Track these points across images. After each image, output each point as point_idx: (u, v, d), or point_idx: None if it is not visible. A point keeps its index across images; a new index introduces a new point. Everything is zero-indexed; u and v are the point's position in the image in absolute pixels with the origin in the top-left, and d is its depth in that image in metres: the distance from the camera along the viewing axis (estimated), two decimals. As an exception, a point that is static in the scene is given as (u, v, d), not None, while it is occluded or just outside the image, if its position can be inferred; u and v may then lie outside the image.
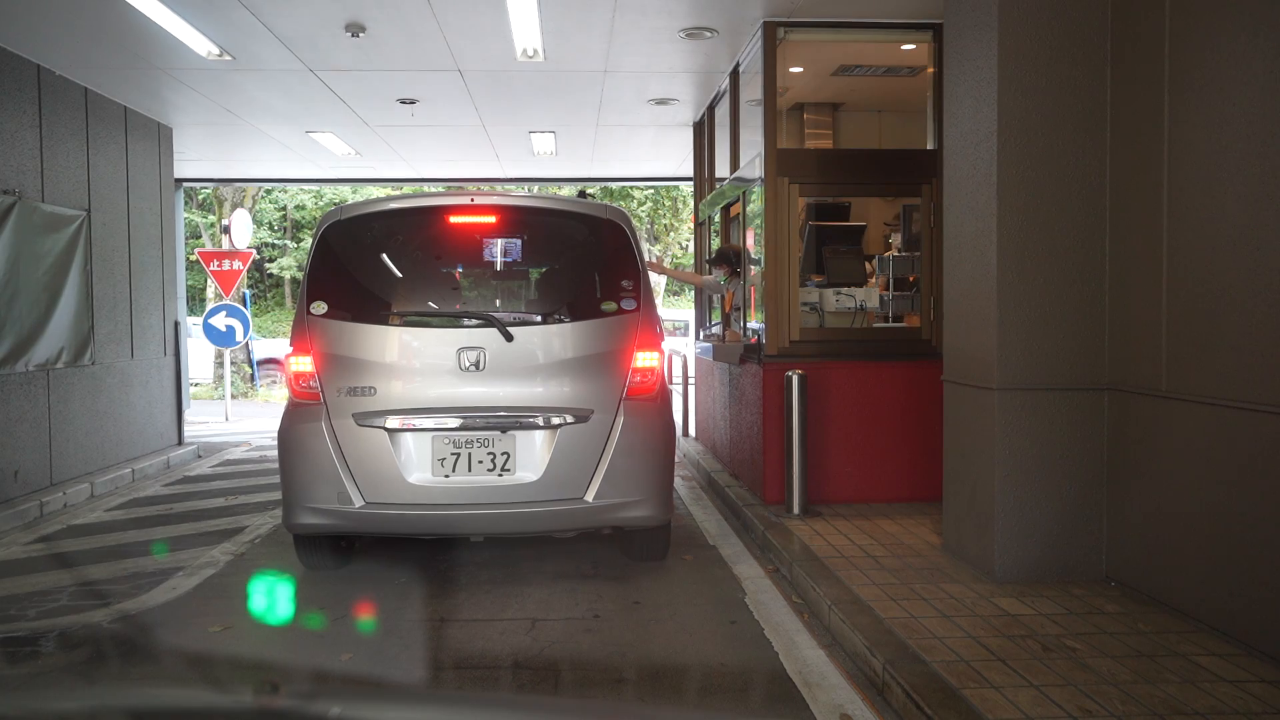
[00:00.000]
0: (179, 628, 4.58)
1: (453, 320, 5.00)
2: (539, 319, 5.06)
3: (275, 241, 34.23)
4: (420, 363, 4.90)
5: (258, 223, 32.88)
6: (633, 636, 4.34)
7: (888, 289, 7.22)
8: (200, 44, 7.09)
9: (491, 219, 5.20)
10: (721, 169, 9.07)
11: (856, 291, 6.92)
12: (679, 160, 12.35)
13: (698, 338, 10.02)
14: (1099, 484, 4.69)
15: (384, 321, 4.95)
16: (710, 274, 8.31)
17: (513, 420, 4.84)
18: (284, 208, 33.68)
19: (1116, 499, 4.62)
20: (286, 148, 11.33)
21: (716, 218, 8.80)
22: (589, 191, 9.88)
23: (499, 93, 8.75)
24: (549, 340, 4.98)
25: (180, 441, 9.99)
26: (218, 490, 8.06)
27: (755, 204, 7.04)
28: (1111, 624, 4.04)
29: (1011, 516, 4.69)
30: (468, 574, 5.34)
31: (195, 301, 24.84)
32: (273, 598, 5.17)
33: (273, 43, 7.09)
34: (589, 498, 4.85)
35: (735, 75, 8.01)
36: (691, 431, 10.30)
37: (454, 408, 4.84)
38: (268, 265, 35.27)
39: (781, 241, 6.61)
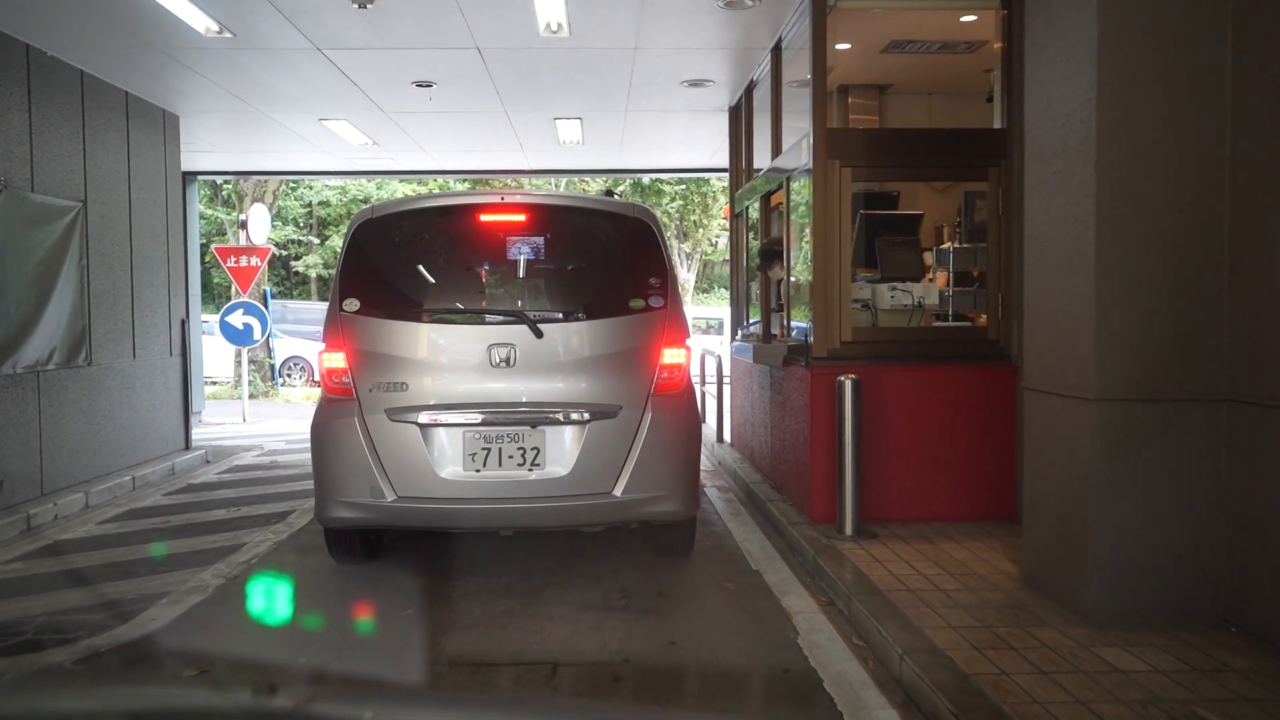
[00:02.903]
0: (151, 670, 4.02)
1: (484, 317, 5.08)
2: (568, 316, 5.11)
3: (301, 239, 33.95)
4: (452, 359, 4.97)
5: (282, 220, 32.59)
6: (670, 688, 3.72)
7: (947, 284, 6.55)
8: (197, 19, 6.54)
9: (521, 217, 5.25)
10: (760, 158, 8.42)
11: (914, 287, 6.25)
12: (712, 150, 11.69)
13: (734, 336, 9.37)
14: (1216, 511, 4.00)
15: (416, 318, 5.02)
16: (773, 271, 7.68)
17: (542, 416, 4.90)
18: (309, 204, 33.38)
19: (1238, 528, 3.93)
20: (301, 138, 10.81)
21: (755, 209, 8.14)
22: (616, 190, 9.26)
23: (521, 74, 8.15)
24: (578, 337, 5.03)
25: (187, 446, 9.49)
26: (220, 500, 7.53)
27: (801, 191, 6.39)
28: (1247, 685, 3.36)
29: (1110, 548, 4.01)
30: (482, 604, 4.75)
31: (222, 299, 24.49)
32: (261, 635, 4.62)
33: (273, 16, 6.53)
34: (617, 492, 4.90)
35: (777, 52, 7.36)
36: (727, 437, 9.67)
37: (485, 403, 4.90)
38: (293, 263, 35.01)
39: (831, 232, 5.95)
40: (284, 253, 34.59)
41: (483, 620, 4.52)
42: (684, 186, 30.41)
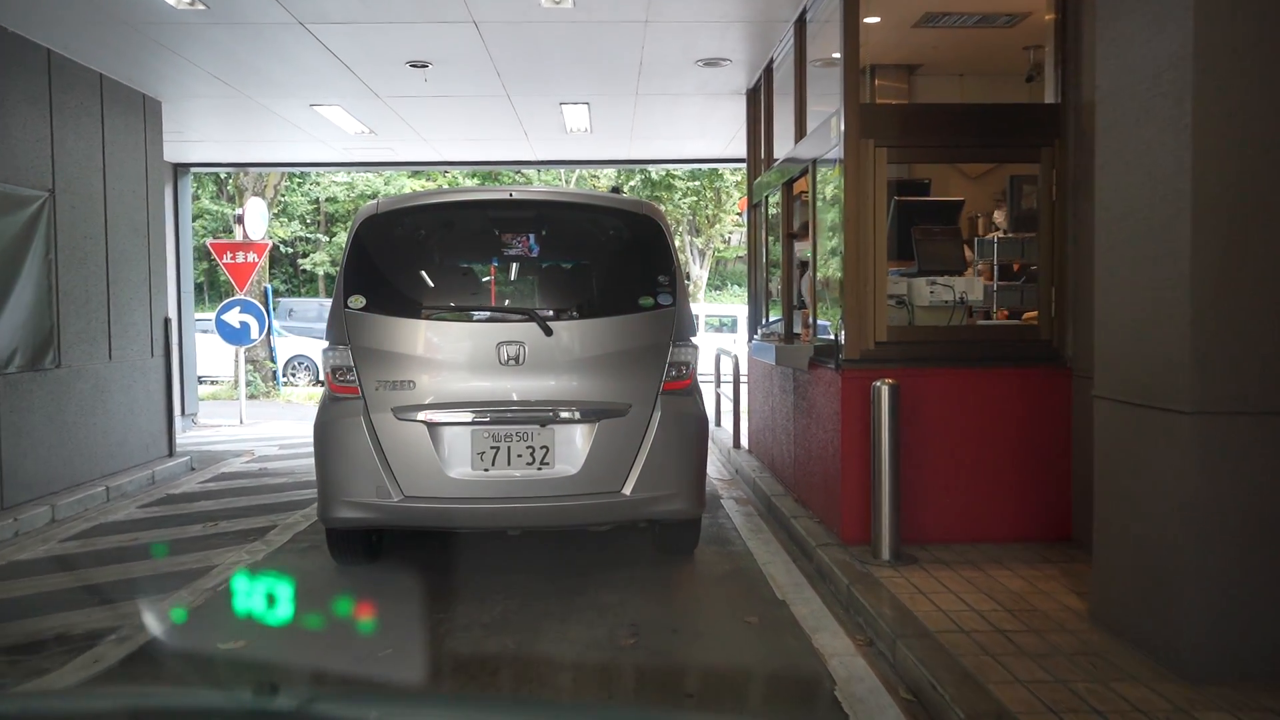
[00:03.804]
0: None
1: (493, 315, 5.04)
2: (577, 314, 5.05)
3: (308, 236, 33.45)
4: (460, 357, 4.89)
5: (288, 216, 32.16)
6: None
7: (992, 278, 5.93)
8: (165, -11, 5.98)
9: (529, 214, 5.24)
10: (781, 146, 7.81)
11: (956, 281, 5.62)
12: (728, 139, 11.08)
13: (752, 335, 8.76)
14: (1334, 545, 3.37)
15: (424, 316, 4.95)
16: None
17: (552, 414, 4.84)
18: (316, 201, 32.89)
19: (1362, 567, 3.30)
20: (295, 126, 10.24)
21: (776, 198, 7.53)
22: (626, 186, 8.70)
23: (523, 53, 7.56)
24: (588, 335, 4.98)
25: (171, 452, 8.93)
26: (199, 514, 6.96)
27: (829, 176, 5.77)
28: (1397, 767, 2.74)
29: (1208, 586, 3.39)
30: (472, 642, 4.16)
31: (230, 296, 24.01)
32: (215, 682, 4.05)
33: (250, -14, 5.96)
34: (626, 491, 4.86)
35: (801, 26, 6.74)
36: (744, 442, 9.05)
37: (493, 401, 4.84)
38: (300, 260, 34.53)
39: (865, 220, 5.33)
40: (290, 250, 34.18)
41: (470, 664, 3.93)
42: (697, 182, 29.79)
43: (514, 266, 5.53)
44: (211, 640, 4.35)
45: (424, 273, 5.28)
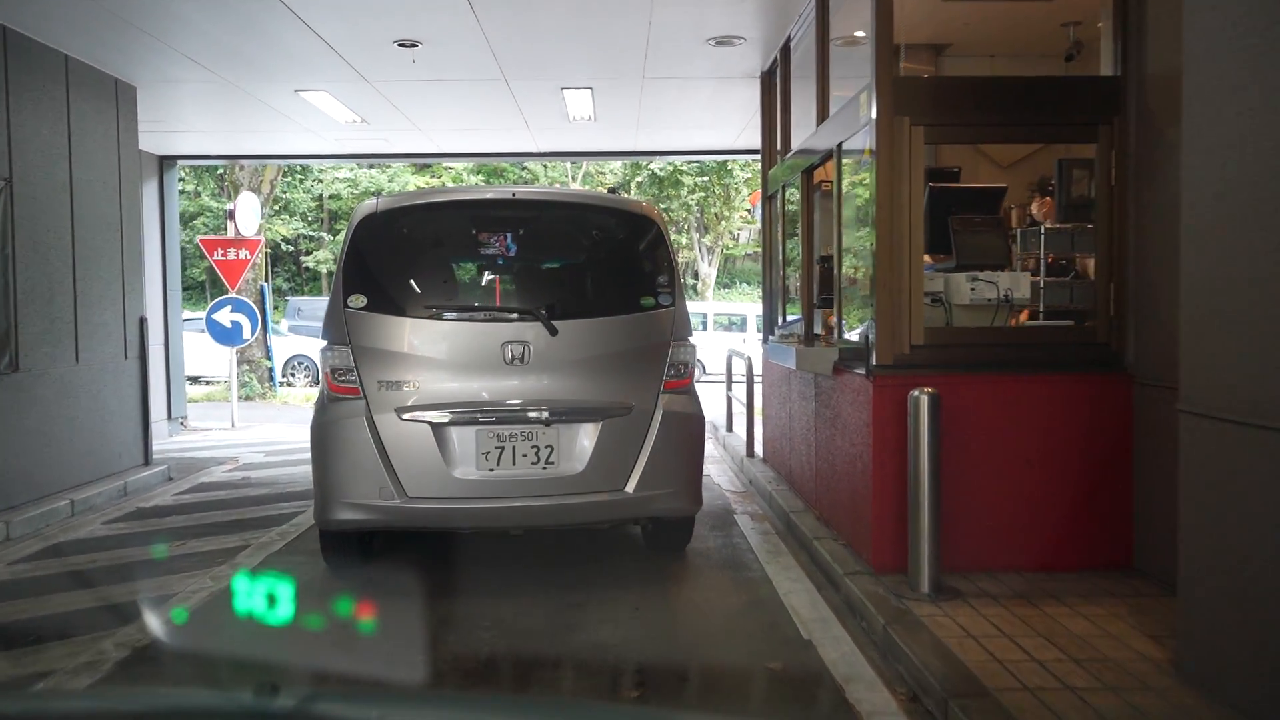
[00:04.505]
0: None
1: (498, 314, 5.05)
2: (582, 313, 5.04)
3: (311, 234, 32.93)
4: (465, 356, 4.86)
5: (290, 213, 31.63)
6: None
7: (1038, 273, 5.33)
8: (122, -45, 5.42)
9: (530, 214, 5.27)
10: (799, 132, 7.23)
11: (999, 277, 5.03)
12: (739, 127, 10.49)
13: (767, 337, 8.17)
14: None
15: (427, 315, 4.91)
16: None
17: (557, 413, 4.81)
18: (319, 198, 32.37)
19: None
20: (282, 115, 9.68)
21: (795, 188, 6.93)
22: (634, 181, 8.22)
23: (520, 31, 6.98)
24: (592, 334, 4.97)
25: (146, 461, 8.38)
26: (168, 530, 6.41)
27: (858, 161, 5.18)
28: None
29: (1331, 645, 2.80)
30: (453, 690, 3.58)
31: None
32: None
33: (215, -49, 5.40)
34: (629, 489, 4.86)
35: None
36: (758, 450, 8.47)
37: (498, 401, 4.81)
38: (304, 258, 34.02)
39: (900, 208, 4.74)
40: (293, 248, 33.67)
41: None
42: (705, 179, 29.17)
43: (516, 266, 5.52)
44: (159, 691, 3.78)
45: (427, 272, 5.25)
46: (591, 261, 5.59)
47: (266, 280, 23.23)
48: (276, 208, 27.77)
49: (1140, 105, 4.62)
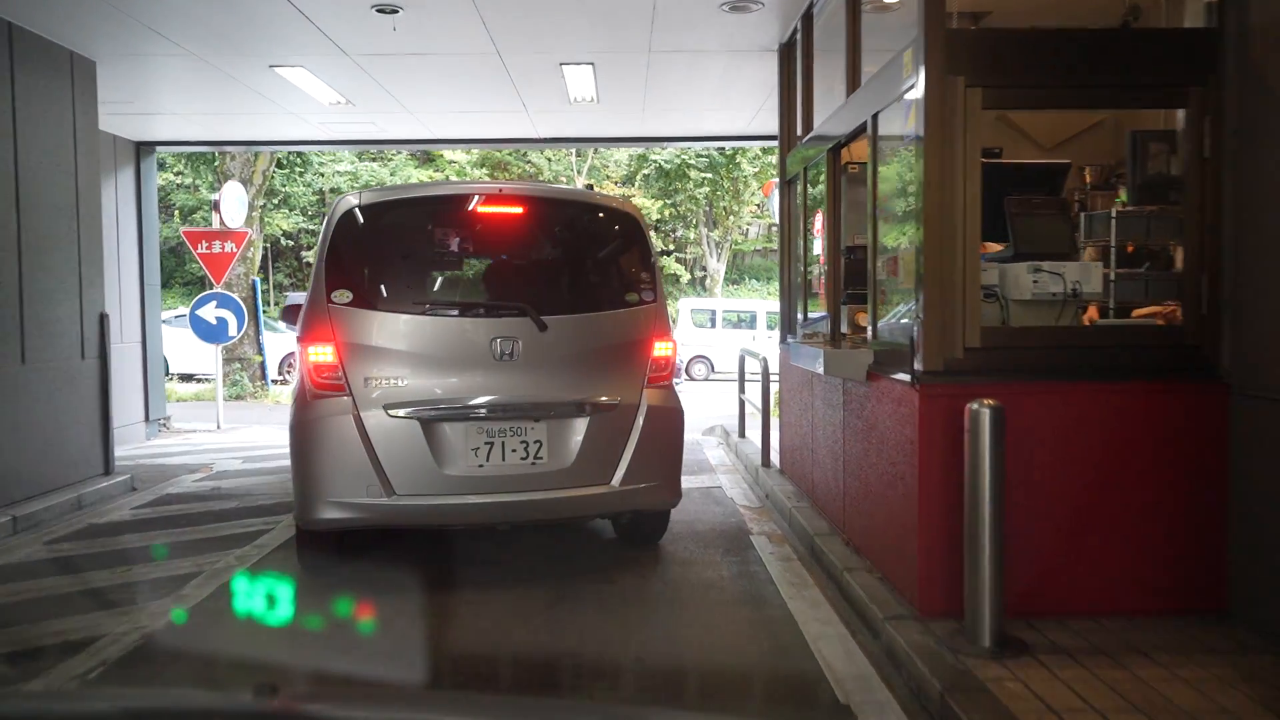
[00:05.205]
0: None
1: (487, 310, 5.05)
2: (569, 309, 5.08)
3: (311, 228, 32.25)
4: (454, 352, 4.84)
5: (290, 207, 30.95)
6: None
7: (1106, 264, 4.59)
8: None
9: (518, 209, 5.29)
10: (822, 111, 6.50)
11: (1066, 268, 4.28)
12: (753, 111, 9.75)
13: (785, 336, 7.43)
14: None
15: (416, 311, 4.89)
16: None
17: (546, 409, 4.84)
18: (320, 192, 31.71)
19: None
20: (260, 95, 8.96)
21: (820, 169, 6.19)
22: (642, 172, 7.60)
23: (512, -5, 6.26)
24: (579, 330, 5.03)
25: (107, 470, 7.68)
26: (114, 552, 5.71)
27: (899, 129, 4.44)
28: None
29: None
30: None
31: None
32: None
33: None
34: (615, 483, 4.92)
35: (854, -49, 5.41)
36: (774, 459, 7.74)
37: (488, 397, 4.80)
38: (304, 253, 33.37)
39: (953, 185, 4.00)
40: (293, 243, 33.02)
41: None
42: (713, 174, 28.38)
43: (502, 262, 5.53)
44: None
45: (414, 267, 5.26)
46: (577, 258, 5.62)
47: (264, 275, 22.58)
48: (276, 201, 27.11)
49: (1242, 63, 3.87)
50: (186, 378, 19.71)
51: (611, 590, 4.85)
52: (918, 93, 4.07)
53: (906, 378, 4.18)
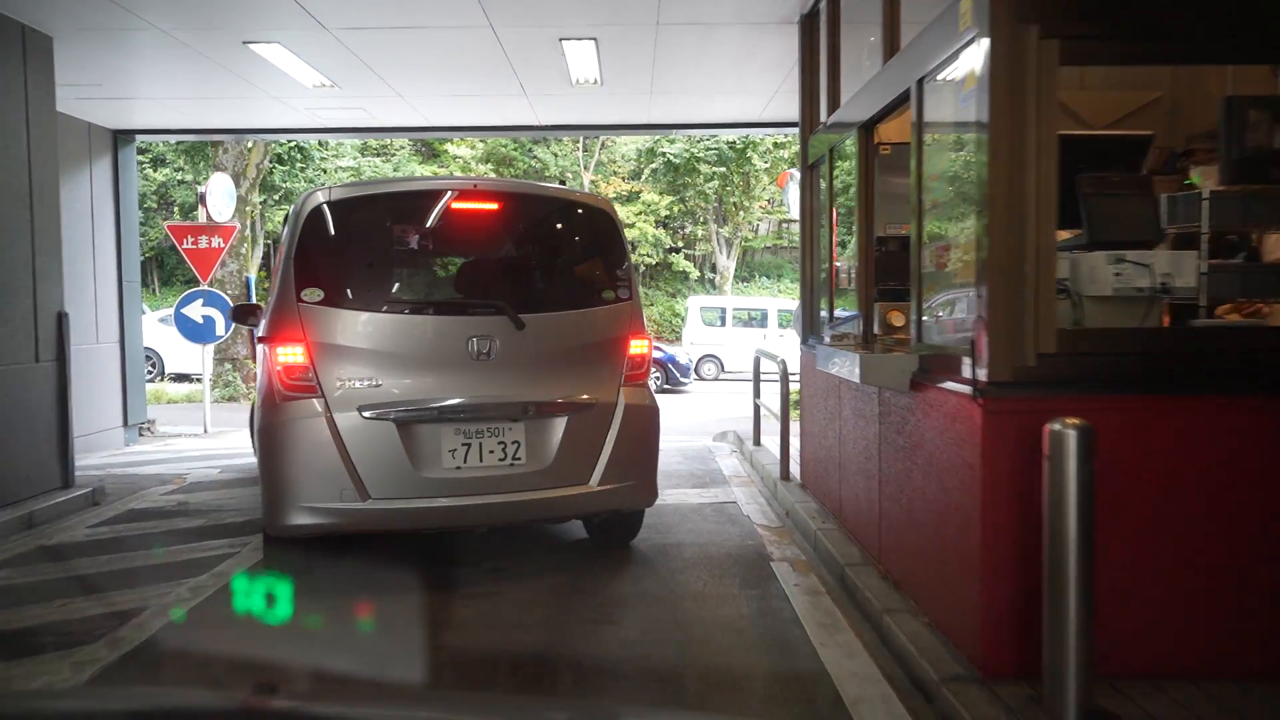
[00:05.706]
0: None
1: (463, 308, 4.93)
2: (546, 307, 4.98)
3: (314, 224, 31.69)
4: (430, 352, 4.72)
5: (290, 203, 30.36)
6: None
7: (1199, 254, 3.90)
8: None
9: (493, 205, 5.19)
10: (848, 88, 5.82)
11: (1154, 258, 3.59)
12: (768, 95, 9.07)
13: (807, 337, 6.74)
14: None
15: (390, 310, 4.75)
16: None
17: (524, 409, 4.76)
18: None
19: None
20: (239, 77, 8.32)
21: (849, 149, 5.51)
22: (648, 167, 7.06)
23: (504, -45, 5.60)
24: (557, 329, 4.95)
25: (66, 483, 7.03)
26: (54, 582, 5.06)
27: (954, 93, 3.75)
28: None
29: None
30: None
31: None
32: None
33: None
34: (594, 483, 4.87)
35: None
36: (794, 472, 7.06)
37: (464, 397, 4.69)
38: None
39: (1024, 156, 3.32)
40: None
41: None
42: (723, 168, 27.67)
43: (478, 259, 5.48)
44: None
45: (388, 265, 5.13)
46: (552, 255, 5.52)
47: (265, 273, 21.97)
48: (276, 197, 26.49)
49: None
50: (182, 378, 19.15)
51: (612, 635, 4.19)
52: (980, 48, 3.38)
53: (965, 389, 3.50)
